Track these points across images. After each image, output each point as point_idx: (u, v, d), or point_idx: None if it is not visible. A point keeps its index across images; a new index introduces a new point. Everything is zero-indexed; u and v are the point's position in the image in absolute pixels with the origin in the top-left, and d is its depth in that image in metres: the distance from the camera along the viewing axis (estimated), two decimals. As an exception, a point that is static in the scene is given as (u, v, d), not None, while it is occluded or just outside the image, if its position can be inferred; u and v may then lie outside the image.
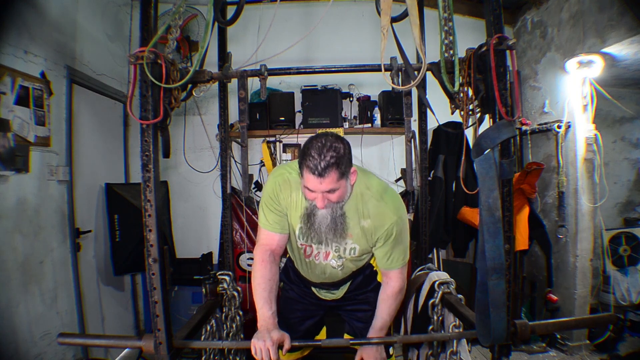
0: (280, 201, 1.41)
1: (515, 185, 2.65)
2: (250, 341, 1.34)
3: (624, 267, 3.07)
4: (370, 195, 1.39)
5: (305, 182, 1.25)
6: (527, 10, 3.45)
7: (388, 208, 1.38)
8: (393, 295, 1.47)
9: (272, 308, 1.35)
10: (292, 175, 1.41)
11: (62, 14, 2.48)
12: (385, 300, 1.48)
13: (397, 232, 1.40)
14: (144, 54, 1.18)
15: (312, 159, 1.21)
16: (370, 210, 1.39)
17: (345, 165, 1.24)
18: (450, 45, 1.37)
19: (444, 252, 3.34)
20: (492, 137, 1.07)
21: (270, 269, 1.40)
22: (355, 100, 3.38)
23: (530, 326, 1.28)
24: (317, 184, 1.23)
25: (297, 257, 1.58)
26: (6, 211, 1.95)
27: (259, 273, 1.40)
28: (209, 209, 3.44)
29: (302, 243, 1.48)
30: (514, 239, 1.27)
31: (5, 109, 1.94)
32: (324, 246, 1.46)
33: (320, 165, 1.20)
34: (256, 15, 2.03)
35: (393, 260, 1.44)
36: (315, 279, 1.59)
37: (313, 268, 1.55)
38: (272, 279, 1.40)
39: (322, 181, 1.22)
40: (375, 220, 1.38)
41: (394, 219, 1.38)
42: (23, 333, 1.99)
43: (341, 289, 1.66)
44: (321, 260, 1.51)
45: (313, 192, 1.26)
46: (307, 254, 1.51)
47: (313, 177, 1.22)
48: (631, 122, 3.42)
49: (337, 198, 1.28)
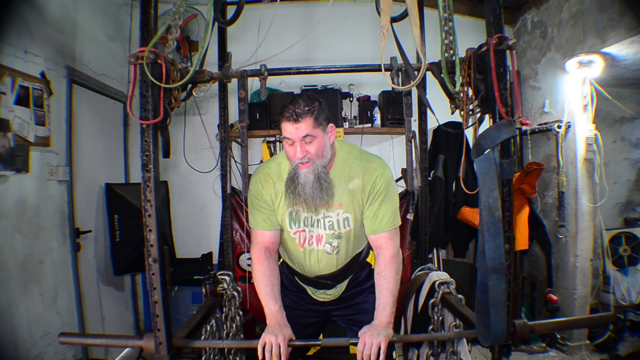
0: (265, 197, 1.45)
1: (515, 185, 2.65)
2: (251, 341, 1.35)
3: (624, 267, 3.07)
4: (353, 158, 1.44)
5: (284, 132, 1.31)
6: (527, 10, 3.45)
7: (373, 163, 1.43)
8: (388, 265, 1.38)
9: (277, 302, 1.38)
10: (271, 169, 1.46)
11: (62, 14, 2.48)
12: (381, 274, 1.38)
13: (383, 186, 1.40)
14: (144, 54, 1.18)
15: (287, 110, 1.30)
16: (355, 169, 1.41)
17: (320, 115, 1.31)
18: (451, 45, 1.37)
19: (444, 252, 3.34)
20: (492, 137, 1.07)
21: (268, 265, 1.43)
22: (355, 100, 3.38)
23: (530, 326, 1.28)
24: (293, 130, 1.29)
25: (291, 252, 1.55)
26: (6, 211, 1.95)
27: (258, 271, 1.43)
28: (209, 209, 3.44)
29: (295, 231, 1.48)
30: (514, 239, 1.27)
31: (5, 109, 1.94)
32: (315, 228, 1.46)
33: (296, 112, 1.28)
34: (256, 15, 2.03)
35: (381, 221, 1.40)
36: (310, 273, 1.55)
37: (306, 258, 1.52)
38: (272, 274, 1.43)
39: (297, 127, 1.28)
40: (362, 178, 1.40)
41: (379, 172, 1.40)
42: (23, 333, 1.99)
43: (338, 288, 1.62)
44: (314, 246, 1.49)
45: (292, 142, 1.31)
46: (301, 242, 1.49)
47: (289, 124, 1.29)
48: (631, 122, 3.42)
49: (315, 149, 1.31)
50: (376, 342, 1.26)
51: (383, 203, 1.41)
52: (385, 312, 1.34)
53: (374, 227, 1.42)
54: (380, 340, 1.27)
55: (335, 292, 1.63)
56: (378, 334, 1.28)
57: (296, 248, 1.52)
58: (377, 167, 1.42)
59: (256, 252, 1.46)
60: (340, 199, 1.42)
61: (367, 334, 1.29)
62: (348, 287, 1.63)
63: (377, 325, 1.32)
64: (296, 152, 1.31)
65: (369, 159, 1.45)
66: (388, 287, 1.37)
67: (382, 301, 1.36)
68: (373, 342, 1.26)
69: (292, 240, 1.51)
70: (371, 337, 1.27)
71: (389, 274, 1.38)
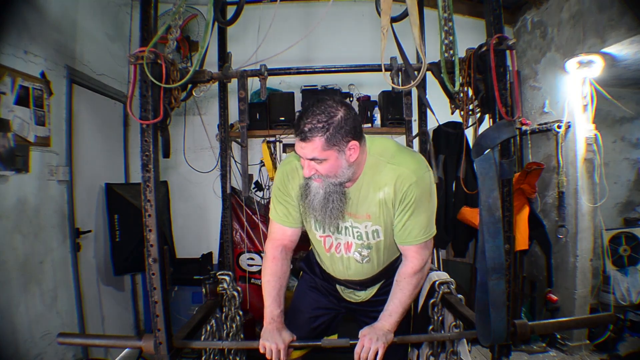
0: (290, 191, 1.34)
1: (515, 185, 2.65)
2: (251, 341, 1.35)
3: (624, 267, 3.07)
4: (386, 161, 1.25)
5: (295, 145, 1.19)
6: (527, 10, 3.45)
7: (408, 168, 1.23)
8: (408, 276, 1.31)
9: (280, 306, 1.34)
10: (298, 163, 1.31)
11: (62, 14, 2.48)
12: (399, 283, 1.32)
13: (415, 196, 1.22)
14: (144, 54, 1.18)
15: (299, 120, 1.15)
16: (387, 176, 1.24)
17: (336, 134, 1.12)
18: (450, 45, 1.37)
19: (444, 252, 3.34)
20: (492, 137, 1.07)
21: (281, 266, 1.36)
22: (355, 100, 3.38)
23: (530, 326, 1.28)
24: (300, 149, 1.16)
25: (318, 251, 1.47)
26: (6, 211, 1.95)
27: (269, 270, 1.35)
28: (209, 209, 3.44)
29: (321, 235, 1.39)
30: (514, 239, 1.27)
31: (5, 109, 1.94)
32: (343, 235, 1.35)
33: (304, 128, 1.12)
34: (256, 15, 2.03)
35: (410, 233, 1.27)
36: (339, 275, 1.46)
37: (335, 262, 1.43)
38: (283, 276, 1.36)
39: (303, 146, 1.14)
40: (394, 185, 1.23)
41: (414, 179, 1.21)
42: (23, 333, 1.99)
43: (369, 290, 1.51)
44: (342, 254, 1.38)
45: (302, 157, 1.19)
46: (327, 247, 1.40)
47: (297, 141, 1.16)
48: (631, 122, 3.42)
49: (325, 171, 1.18)
50: (374, 347, 1.25)
51: (414, 214, 1.25)
52: (391, 319, 1.31)
53: (402, 239, 1.31)
54: (378, 345, 1.25)
55: (365, 295, 1.53)
56: (377, 338, 1.26)
57: (323, 251, 1.44)
58: (412, 174, 1.22)
59: (271, 250, 1.36)
60: (369, 210, 1.29)
61: (367, 337, 1.27)
62: (378, 292, 1.52)
63: (378, 328, 1.30)
64: (304, 169, 1.19)
65: (404, 161, 1.25)
66: (401, 298, 1.32)
67: (391, 308, 1.32)
68: (371, 346, 1.25)
69: (319, 242, 1.42)
70: (370, 341, 1.26)
71: (406, 286, 1.32)
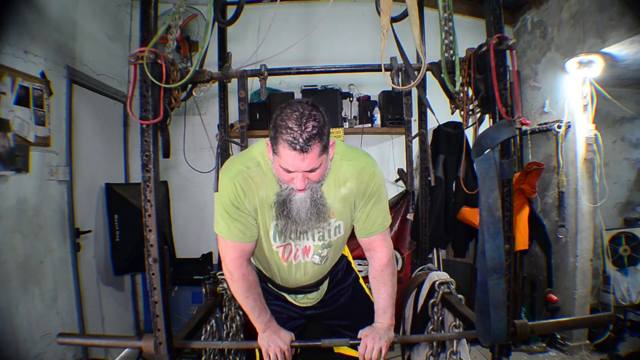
0: (246, 205, 1.20)
1: (515, 185, 2.65)
2: (251, 341, 1.35)
3: (624, 267, 3.07)
4: (340, 158, 1.24)
5: (283, 161, 1.06)
6: (527, 10, 3.45)
7: (363, 161, 1.25)
8: (385, 267, 1.32)
9: (268, 311, 1.33)
10: (251, 170, 1.19)
11: (62, 14, 2.48)
12: (378, 278, 1.33)
13: (377, 185, 1.26)
14: (144, 54, 1.18)
15: (290, 132, 1.01)
16: (346, 172, 1.24)
17: (327, 136, 1.07)
18: (451, 45, 1.37)
19: (444, 252, 3.34)
20: (492, 137, 1.07)
21: (252, 277, 1.29)
22: (355, 100, 3.38)
23: (530, 326, 1.28)
24: (298, 162, 1.04)
25: (270, 264, 1.37)
26: (6, 211, 1.95)
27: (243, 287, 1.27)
28: (209, 209, 3.43)
29: (279, 245, 1.30)
30: (514, 239, 1.27)
31: (5, 109, 1.94)
32: (303, 240, 1.30)
33: (302, 138, 1.01)
34: (256, 15, 2.03)
35: (375, 221, 1.28)
36: (293, 284, 1.42)
37: (291, 272, 1.37)
38: (257, 284, 1.31)
39: (304, 157, 1.03)
40: (356, 180, 1.24)
41: (372, 170, 1.25)
42: (23, 333, 1.99)
43: (320, 289, 1.50)
44: (300, 259, 1.34)
45: (291, 172, 1.07)
46: (286, 257, 1.33)
47: (294, 154, 1.02)
48: (631, 122, 3.42)
49: (317, 177, 1.11)
50: (377, 346, 1.26)
51: (376, 203, 1.27)
52: (387, 315, 1.32)
53: (367, 230, 1.30)
54: (382, 344, 1.26)
55: (318, 295, 1.52)
56: (380, 337, 1.27)
57: (279, 262, 1.35)
58: (369, 165, 1.25)
59: (238, 269, 1.25)
60: (333, 207, 1.24)
61: (369, 338, 1.27)
62: (329, 288, 1.53)
63: (378, 328, 1.30)
64: (296, 183, 1.09)
65: (357, 156, 1.27)
66: (387, 290, 1.32)
67: (382, 305, 1.32)
68: (375, 346, 1.26)
69: (275, 254, 1.33)
70: (373, 341, 1.26)
71: (386, 278, 1.32)
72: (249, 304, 1.29)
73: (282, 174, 1.11)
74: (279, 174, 1.12)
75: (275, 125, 1.06)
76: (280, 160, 1.07)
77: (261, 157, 1.21)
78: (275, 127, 1.06)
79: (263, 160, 1.21)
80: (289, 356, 1.27)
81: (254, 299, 1.29)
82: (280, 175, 1.12)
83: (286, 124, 1.03)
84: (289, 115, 1.04)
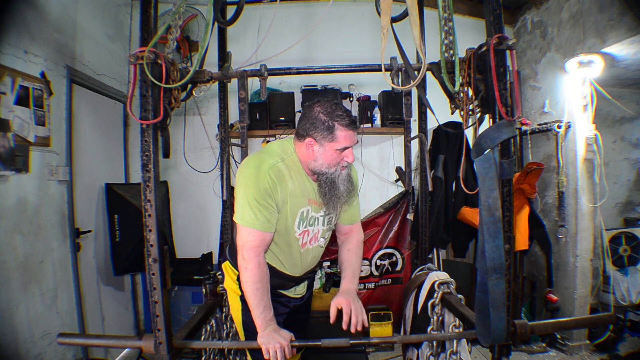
0: (276, 195, 1.33)
1: (515, 185, 2.65)
2: (251, 341, 1.35)
3: (624, 267, 3.07)
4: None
5: (341, 142, 1.30)
6: (527, 10, 3.45)
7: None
8: (359, 243, 1.60)
9: (271, 310, 1.35)
10: (279, 165, 1.36)
11: (62, 14, 2.48)
12: (353, 250, 1.58)
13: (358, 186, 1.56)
14: (144, 54, 1.18)
15: (345, 117, 1.30)
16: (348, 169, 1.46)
17: None
18: (450, 45, 1.38)
19: (444, 252, 3.34)
20: (492, 137, 1.08)
21: (265, 271, 1.35)
22: (355, 100, 3.38)
23: (530, 326, 1.28)
24: (354, 137, 1.32)
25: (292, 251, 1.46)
26: (6, 211, 1.95)
27: (256, 277, 1.31)
28: (209, 209, 3.44)
29: (302, 231, 1.44)
30: (514, 239, 1.27)
31: (5, 109, 1.94)
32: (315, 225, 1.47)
33: (353, 119, 1.31)
34: (256, 15, 2.03)
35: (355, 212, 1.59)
36: (304, 270, 1.55)
37: (306, 257, 1.51)
38: (267, 280, 1.36)
39: (355, 133, 1.32)
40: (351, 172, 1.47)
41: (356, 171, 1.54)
42: (23, 333, 1.99)
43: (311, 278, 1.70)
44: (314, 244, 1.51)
45: (345, 150, 1.32)
46: (304, 242, 1.46)
47: (351, 132, 1.30)
48: (631, 122, 3.42)
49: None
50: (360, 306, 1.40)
51: (355, 199, 1.54)
52: (355, 280, 1.53)
53: (353, 218, 1.58)
54: (359, 304, 1.41)
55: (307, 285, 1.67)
56: (356, 300, 1.42)
57: (296, 249, 1.46)
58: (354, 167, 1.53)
59: (255, 257, 1.32)
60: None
61: (351, 301, 1.40)
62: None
63: (351, 290, 1.47)
64: (349, 157, 1.35)
65: None
66: (358, 262, 1.57)
67: (353, 271, 1.53)
68: (358, 307, 1.39)
69: (296, 241, 1.45)
70: (355, 303, 1.40)
71: (360, 251, 1.59)
72: (257, 297, 1.31)
73: (334, 158, 1.33)
74: (332, 158, 1.33)
75: (323, 119, 1.29)
76: (337, 143, 1.30)
77: (283, 154, 1.39)
78: (324, 121, 1.29)
79: (286, 156, 1.39)
80: (289, 354, 1.27)
81: (262, 293, 1.32)
82: (332, 160, 1.33)
83: (337, 113, 1.30)
84: (334, 108, 1.31)
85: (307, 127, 1.32)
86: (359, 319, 1.37)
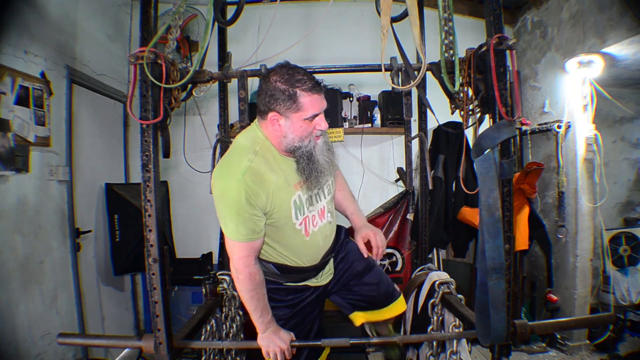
0: (262, 197, 1.21)
1: (515, 185, 2.65)
2: (251, 341, 1.35)
3: (624, 267, 3.07)
4: None
5: (308, 109, 1.18)
6: (527, 10, 3.45)
7: None
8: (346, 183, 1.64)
9: (270, 312, 1.35)
10: (254, 162, 1.21)
11: (62, 14, 2.48)
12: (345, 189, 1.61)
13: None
14: (144, 54, 1.18)
15: (306, 81, 1.17)
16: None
17: None
18: (450, 45, 1.38)
19: (444, 252, 3.34)
20: (492, 137, 1.08)
21: (258, 276, 1.29)
22: (355, 100, 3.38)
23: (530, 326, 1.28)
24: (321, 102, 1.20)
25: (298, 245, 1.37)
26: (6, 211, 1.95)
27: (249, 286, 1.27)
28: (209, 209, 3.42)
29: (301, 220, 1.32)
30: (514, 239, 1.27)
31: (5, 109, 1.94)
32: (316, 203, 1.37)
33: (316, 82, 1.19)
34: (256, 15, 2.03)
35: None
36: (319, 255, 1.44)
37: (316, 241, 1.39)
38: (262, 284, 1.32)
39: (323, 96, 1.21)
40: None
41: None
42: (23, 333, 1.99)
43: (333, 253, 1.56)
44: (319, 224, 1.39)
45: (314, 118, 1.21)
46: (308, 230, 1.35)
47: (317, 96, 1.19)
48: (631, 122, 3.42)
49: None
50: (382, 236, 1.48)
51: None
52: (362, 214, 1.60)
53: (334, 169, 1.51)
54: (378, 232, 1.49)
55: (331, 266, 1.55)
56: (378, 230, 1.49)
57: (301, 240, 1.35)
58: None
59: (245, 268, 1.26)
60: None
61: (370, 232, 1.48)
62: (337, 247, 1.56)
63: (367, 223, 1.54)
64: (321, 124, 1.23)
65: None
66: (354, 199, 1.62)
67: (356, 207, 1.59)
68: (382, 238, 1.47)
69: (298, 232, 1.33)
70: (379, 234, 1.48)
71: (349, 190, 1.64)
72: (253, 304, 1.30)
73: (304, 129, 1.21)
74: (302, 130, 1.20)
75: (282, 88, 1.16)
76: (304, 111, 1.17)
77: (254, 145, 1.25)
78: (284, 90, 1.16)
79: (258, 147, 1.24)
80: (289, 355, 1.27)
81: (257, 299, 1.30)
82: (302, 132, 1.21)
83: (297, 78, 1.16)
84: (292, 73, 1.17)
85: (266, 100, 1.19)
86: (383, 250, 1.47)
